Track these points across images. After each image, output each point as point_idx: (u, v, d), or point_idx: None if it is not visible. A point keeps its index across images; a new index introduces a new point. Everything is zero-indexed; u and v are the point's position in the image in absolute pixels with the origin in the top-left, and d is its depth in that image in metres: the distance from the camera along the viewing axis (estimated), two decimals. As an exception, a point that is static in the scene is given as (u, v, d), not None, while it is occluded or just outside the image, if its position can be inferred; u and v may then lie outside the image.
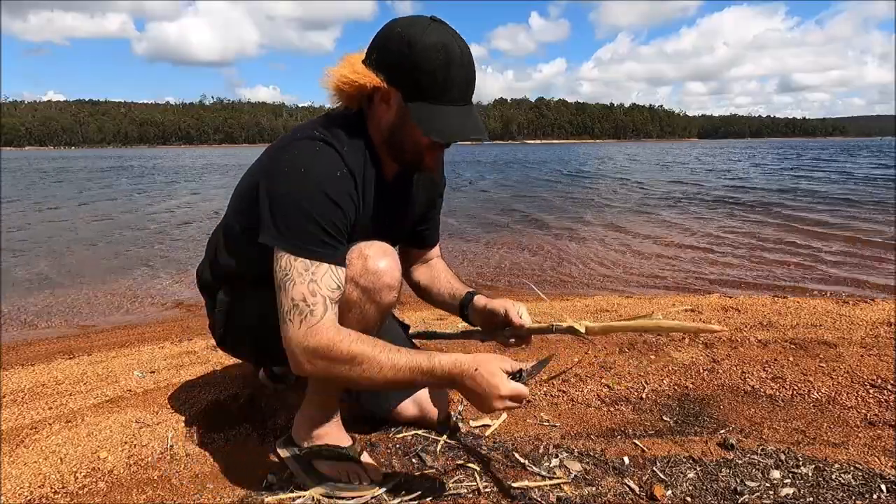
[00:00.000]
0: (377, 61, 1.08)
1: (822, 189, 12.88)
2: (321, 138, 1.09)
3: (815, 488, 1.18)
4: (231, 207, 1.26)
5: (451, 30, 1.08)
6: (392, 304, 1.18)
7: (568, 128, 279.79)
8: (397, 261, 1.17)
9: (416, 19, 1.08)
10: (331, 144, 1.09)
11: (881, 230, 7.12)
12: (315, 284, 1.03)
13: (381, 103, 1.11)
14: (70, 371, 2.13)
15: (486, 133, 1.12)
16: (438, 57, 1.04)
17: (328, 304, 1.04)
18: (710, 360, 1.92)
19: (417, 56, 1.04)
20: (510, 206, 10.83)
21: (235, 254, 1.24)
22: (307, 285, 1.03)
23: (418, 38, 1.04)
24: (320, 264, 1.04)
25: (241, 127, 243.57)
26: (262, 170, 1.13)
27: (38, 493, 1.22)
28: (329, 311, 1.04)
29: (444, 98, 1.07)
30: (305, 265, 1.03)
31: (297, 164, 1.06)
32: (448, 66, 1.05)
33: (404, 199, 1.30)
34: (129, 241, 7.44)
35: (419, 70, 1.05)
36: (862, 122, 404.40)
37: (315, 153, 1.07)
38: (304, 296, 1.02)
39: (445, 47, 1.05)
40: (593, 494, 1.18)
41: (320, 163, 1.07)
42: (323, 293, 1.03)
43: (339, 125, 1.13)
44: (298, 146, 1.09)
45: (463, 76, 1.08)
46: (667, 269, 5.29)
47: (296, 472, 1.27)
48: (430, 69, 1.04)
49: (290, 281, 1.03)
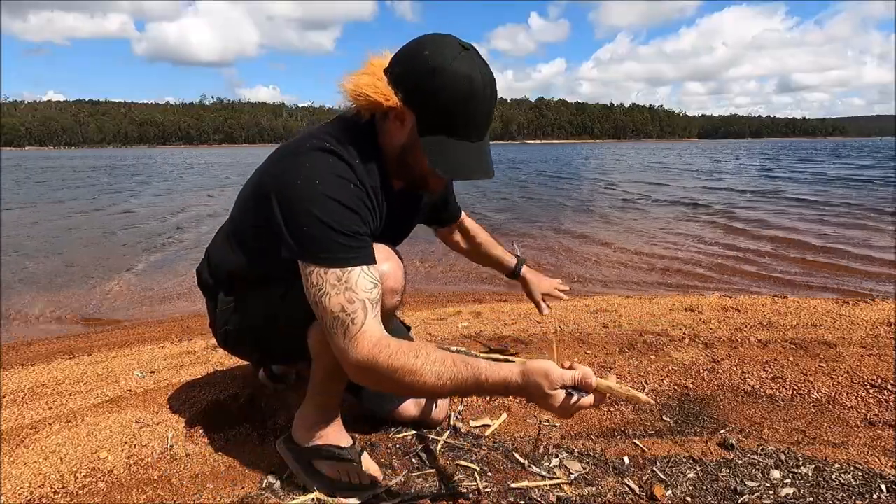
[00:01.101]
0: (398, 77, 1.05)
1: (789, 188, 13.24)
2: (331, 149, 1.07)
3: (815, 488, 1.18)
4: (237, 209, 1.26)
5: (481, 61, 1.05)
6: (395, 307, 1.18)
7: (568, 128, 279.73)
8: (401, 264, 1.17)
9: (447, 43, 1.04)
10: (342, 157, 1.07)
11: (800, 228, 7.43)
12: (351, 292, 1.00)
13: (395, 120, 1.09)
14: (70, 371, 2.13)
15: (492, 173, 1.11)
16: (460, 91, 1.02)
17: (368, 307, 1.01)
18: (710, 360, 1.92)
19: (439, 86, 1.01)
20: (472, 207, 10.50)
21: (240, 254, 1.24)
22: (343, 294, 1.00)
23: (444, 67, 1.01)
24: (352, 270, 1.02)
25: (241, 127, 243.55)
26: (274, 179, 1.10)
27: (38, 493, 1.22)
28: (370, 314, 1.01)
29: (458, 133, 1.05)
30: (337, 275, 1.01)
31: (310, 177, 1.04)
32: (468, 102, 1.03)
33: (411, 207, 1.31)
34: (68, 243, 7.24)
35: (437, 101, 1.03)
36: (862, 122, 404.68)
37: (327, 165, 1.05)
38: (343, 306, 1.00)
39: (470, 82, 1.02)
40: (593, 494, 1.18)
41: (332, 174, 1.05)
42: (360, 297, 1.01)
43: (350, 135, 1.10)
44: (311, 158, 1.06)
45: (483, 112, 1.06)
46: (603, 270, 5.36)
47: (296, 472, 1.27)
48: (449, 103, 1.02)
49: (326, 294, 1.00)
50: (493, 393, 1.00)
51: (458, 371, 0.96)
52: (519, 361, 0.99)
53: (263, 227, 1.10)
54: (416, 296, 4.27)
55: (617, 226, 8.24)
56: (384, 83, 1.05)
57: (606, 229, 7.88)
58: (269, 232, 1.07)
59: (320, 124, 1.17)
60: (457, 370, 0.96)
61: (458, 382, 0.96)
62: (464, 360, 0.98)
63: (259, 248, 1.17)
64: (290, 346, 1.23)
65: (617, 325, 2.41)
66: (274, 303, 1.19)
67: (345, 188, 1.05)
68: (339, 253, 1.02)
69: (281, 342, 1.25)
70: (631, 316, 2.58)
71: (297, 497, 1.20)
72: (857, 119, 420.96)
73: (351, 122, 1.12)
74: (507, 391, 0.97)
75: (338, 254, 1.02)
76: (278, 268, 1.10)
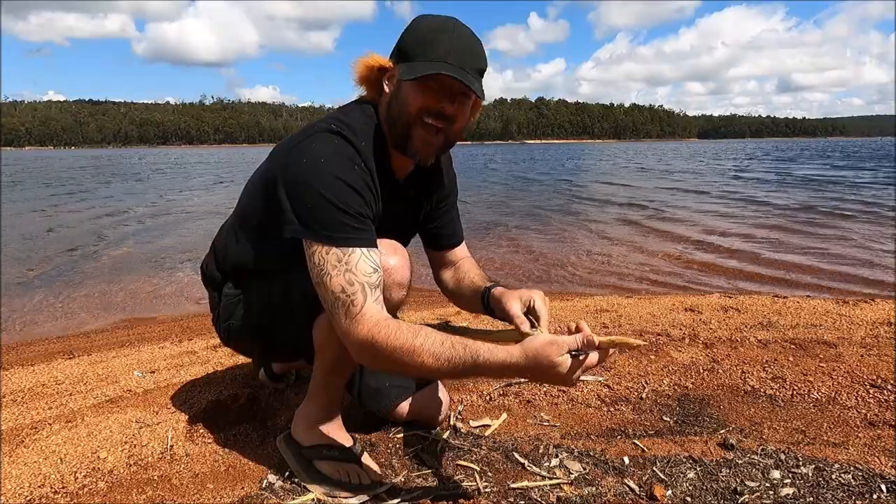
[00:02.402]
0: (392, 50, 1.15)
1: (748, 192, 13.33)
2: (337, 131, 1.09)
3: (815, 488, 1.18)
4: (243, 201, 1.26)
5: (463, 24, 1.12)
6: (402, 301, 1.18)
7: (568, 127, 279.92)
8: (407, 259, 1.17)
9: (437, 16, 1.15)
10: (347, 138, 1.09)
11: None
12: (351, 274, 1.02)
13: (387, 83, 1.14)
14: (70, 371, 2.13)
15: (473, 82, 1.07)
16: (431, 26, 1.11)
17: (368, 290, 1.02)
18: (710, 360, 1.92)
19: (413, 28, 1.12)
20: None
21: (247, 247, 1.24)
22: (343, 276, 1.02)
23: (422, 20, 1.12)
24: (353, 251, 1.03)
25: (240, 127, 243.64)
26: (279, 164, 1.12)
27: (38, 493, 1.22)
28: (370, 297, 1.02)
29: (431, 55, 1.08)
30: (338, 256, 1.03)
31: (316, 155, 1.06)
32: (437, 32, 1.09)
33: (410, 197, 1.30)
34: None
35: (411, 36, 1.11)
36: (862, 122, 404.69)
37: (333, 145, 1.08)
38: (343, 286, 1.01)
39: (443, 22, 1.11)
40: (593, 494, 1.18)
41: (338, 154, 1.07)
42: (360, 280, 1.02)
43: (355, 119, 1.14)
44: (316, 139, 1.09)
45: (455, 43, 1.09)
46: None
47: (296, 472, 1.27)
48: (419, 34, 1.10)
49: (327, 275, 1.02)
50: (492, 374, 1.01)
51: (457, 352, 0.97)
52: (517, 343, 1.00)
53: (270, 210, 1.11)
54: (417, 296, 4.27)
55: (550, 227, 8.33)
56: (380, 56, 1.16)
57: (537, 233, 7.85)
58: (274, 216, 1.08)
59: (326, 115, 1.20)
60: (455, 351, 0.97)
61: (456, 364, 0.97)
62: (463, 342, 0.99)
63: (264, 237, 1.18)
64: (293, 339, 1.24)
65: (617, 325, 2.41)
66: (277, 295, 1.20)
67: (349, 169, 1.06)
68: (341, 232, 1.03)
69: (284, 335, 1.25)
70: (631, 316, 2.58)
71: (297, 497, 1.20)
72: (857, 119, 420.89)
73: (356, 109, 1.17)
74: (507, 372, 0.98)
75: (340, 233, 1.03)
76: (282, 257, 1.11)
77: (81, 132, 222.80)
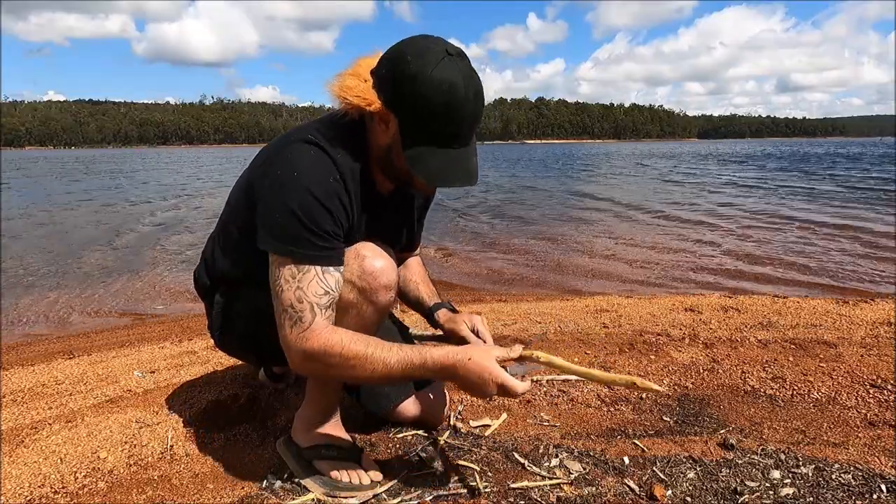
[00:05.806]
0: (382, 80, 1.04)
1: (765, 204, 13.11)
2: (315, 142, 1.08)
3: (815, 488, 1.18)
4: (227, 209, 1.26)
5: (465, 66, 1.02)
6: (389, 304, 1.18)
7: (568, 127, 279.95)
8: (393, 262, 1.17)
9: (431, 48, 1.02)
10: (324, 150, 1.08)
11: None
12: (301, 291, 1.04)
13: (380, 123, 1.08)
14: (70, 371, 2.13)
15: (475, 179, 1.08)
16: (440, 99, 0.99)
17: (317, 310, 1.05)
18: (710, 360, 1.92)
19: (418, 94, 0.99)
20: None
21: (231, 255, 1.24)
22: (293, 292, 1.04)
23: (424, 74, 0.99)
24: (309, 269, 1.05)
25: (240, 127, 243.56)
26: (257, 173, 1.13)
27: (38, 493, 1.22)
28: (318, 317, 1.05)
29: (438, 141, 1.04)
30: (292, 272, 1.04)
31: (290, 167, 1.06)
32: (448, 110, 1.01)
33: (399, 207, 1.30)
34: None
35: (417, 109, 1.01)
36: (861, 122, 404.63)
37: (309, 157, 1.07)
38: (292, 302, 1.04)
39: (451, 89, 0.99)
40: (593, 494, 1.18)
41: (313, 167, 1.06)
42: (309, 300, 1.04)
43: (337, 131, 1.11)
44: (292, 149, 1.08)
45: (465, 120, 1.04)
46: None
47: (296, 472, 1.27)
48: (429, 111, 1.00)
49: (280, 287, 1.05)
50: (433, 376, 1.10)
51: (405, 355, 1.06)
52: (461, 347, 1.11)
53: (249, 218, 1.11)
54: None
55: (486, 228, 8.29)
56: (368, 86, 1.05)
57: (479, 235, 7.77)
58: (253, 224, 1.10)
59: (312, 120, 1.18)
60: (403, 354, 1.06)
61: (406, 366, 1.06)
62: (413, 347, 1.08)
63: (247, 245, 1.17)
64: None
65: (617, 325, 2.41)
66: (266, 303, 1.19)
67: (323, 182, 1.06)
68: (302, 249, 1.04)
69: (273, 341, 1.25)
70: (631, 316, 2.58)
71: (297, 497, 1.20)
72: (857, 119, 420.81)
73: (340, 118, 1.12)
74: (442, 373, 1.07)
75: (301, 250, 1.04)
76: (266, 264, 1.11)
77: (81, 132, 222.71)
